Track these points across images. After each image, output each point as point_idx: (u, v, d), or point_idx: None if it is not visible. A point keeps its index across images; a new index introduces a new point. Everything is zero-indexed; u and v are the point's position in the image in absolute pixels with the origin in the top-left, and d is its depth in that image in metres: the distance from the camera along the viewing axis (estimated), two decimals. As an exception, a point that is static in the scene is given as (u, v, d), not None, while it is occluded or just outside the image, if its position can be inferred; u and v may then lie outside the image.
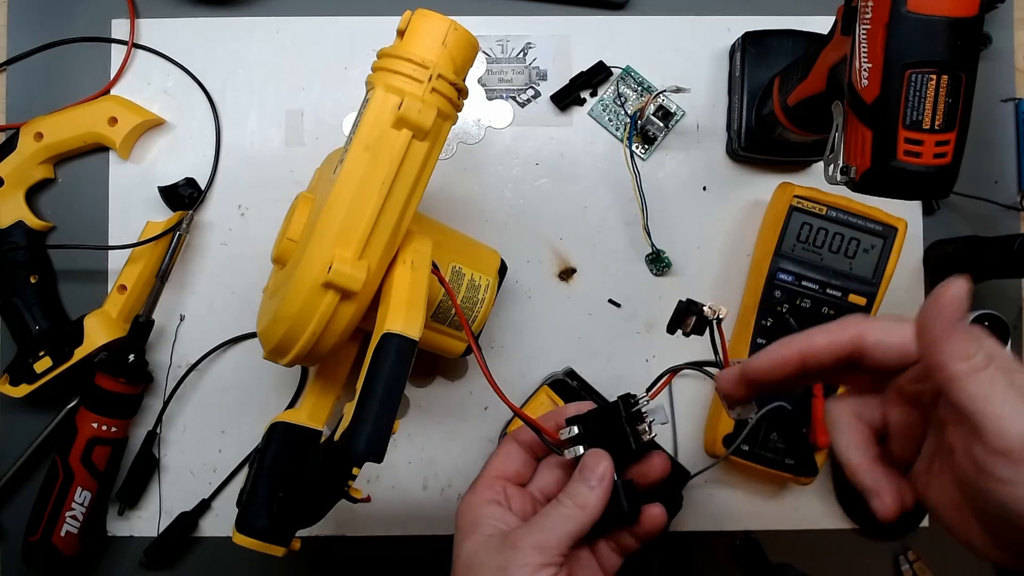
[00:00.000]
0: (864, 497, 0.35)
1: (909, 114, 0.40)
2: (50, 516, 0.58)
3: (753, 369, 0.37)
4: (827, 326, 0.35)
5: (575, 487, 0.40)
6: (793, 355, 0.35)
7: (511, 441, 0.45)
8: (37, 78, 0.64)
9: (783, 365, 0.36)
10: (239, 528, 0.47)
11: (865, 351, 0.35)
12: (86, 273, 0.63)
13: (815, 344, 0.35)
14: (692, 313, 0.42)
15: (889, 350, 0.34)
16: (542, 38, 0.65)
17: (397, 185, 0.42)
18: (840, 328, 0.35)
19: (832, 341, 0.35)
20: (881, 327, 0.34)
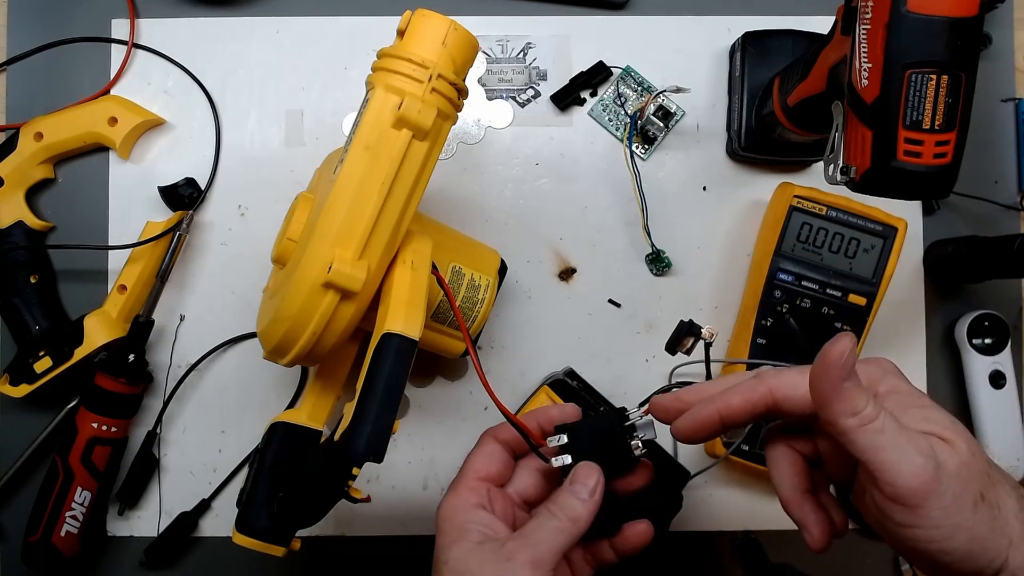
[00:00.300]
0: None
1: (909, 114, 0.40)
2: (50, 516, 0.58)
3: (677, 430, 0.39)
4: (741, 385, 0.37)
5: (566, 499, 0.39)
6: (712, 416, 0.37)
7: (491, 440, 0.44)
8: (37, 78, 0.64)
9: (705, 426, 0.38)
10: (239, 528, 0.47)
11: (778, 405, 0.37)
12: (86, 273, 0.63)
13: (731, 405, 0.37)
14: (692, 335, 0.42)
15: (798, 403, 0.36)
16: (542, 38, 0.65)
17: (397, 185, 0.42)
18: (752, 387, 0.37)
19: (746, 400, 0.37)
20: (789, 382, 0.37)
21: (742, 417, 0.37)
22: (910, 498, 0.31)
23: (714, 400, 0.37)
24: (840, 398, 0.32)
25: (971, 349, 0.63)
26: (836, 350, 0.32)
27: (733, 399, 0.37)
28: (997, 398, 0.63)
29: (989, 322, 0.63)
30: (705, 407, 0.37)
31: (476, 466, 0.43)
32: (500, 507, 0.42)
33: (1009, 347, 0.63)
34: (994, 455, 0.62)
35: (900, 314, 0.65)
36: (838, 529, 0.38)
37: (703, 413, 0.37)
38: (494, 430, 0.45)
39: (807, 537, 0.37)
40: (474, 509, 0.41)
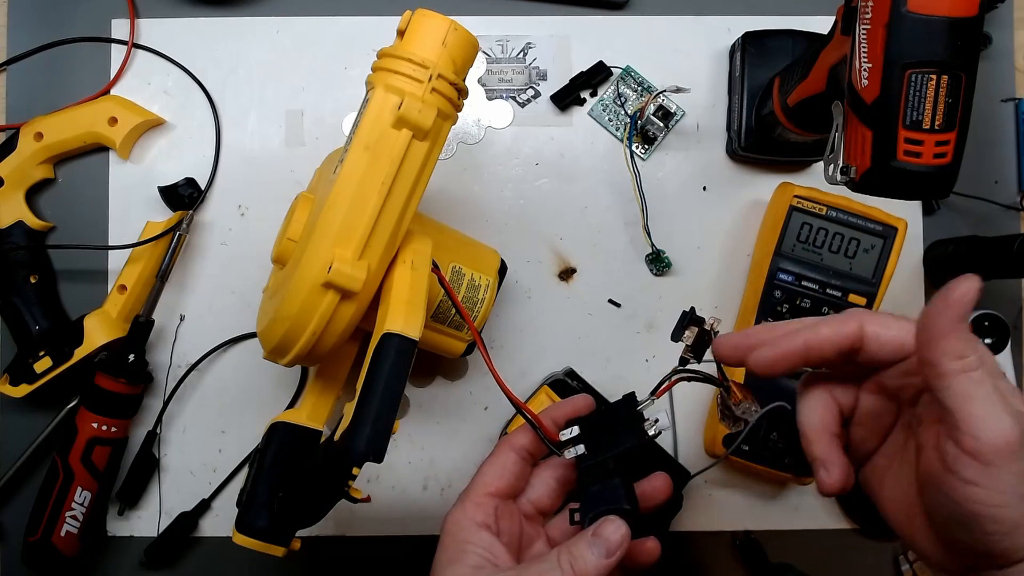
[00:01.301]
0: (811, 467, 0.36)
1: (909, 114, 0.40)
2: (50, 516, 0.58)
3: (757, 360, 0.37)
4: (830, 319, 0.36)
5: (582, 552, 0.37)
6: (798, 348, 0.36)
7: (507, 449, 0.43)
8: (37, 78, 0.64)
9: (788, 356, 0.36)
10: (239, 528, 0.47)
11: (863, 344, 0.35)
12: (86, 273, 0.63)
13: (820, 337, 0.35)
14: (695, 324, 0.42)
15: (885, 344, 0.35)
16: (542, 38, 0.65)
17: (397, 185, 0.42)
18: (843, 321, 0.35)
19: (836, 333, 0.35)
20: (881, 321, 0.35)
21: (827, 353, 0.35)
22: (988, 454, 0.30)
23: (800, 331, 0.36)
24: (952, 338, 0.31)
25: (971, 349, 0.63)
26: (962, 289, 0.31)
27: (823, 330, 0.35)
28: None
29: (989, 322, 0.63)
30: (790, 338, 0.35)
31: (487, 479, 0.42)
32: (507, 527, 0.41)
33: (1009, 347, 0.63)
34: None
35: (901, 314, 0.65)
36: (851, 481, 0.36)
37: (788, 344, 0.36)
38: (511, 438, 0.44)
39: (822, 475, 0.36)
40: (477, 529, 0.40)
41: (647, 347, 0.64)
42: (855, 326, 0.35)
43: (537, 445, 0.43)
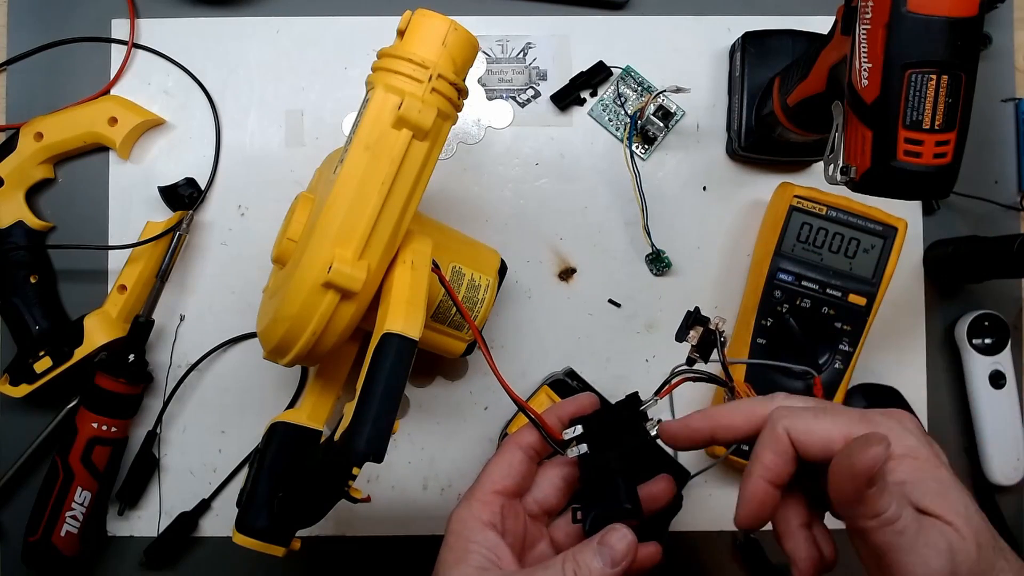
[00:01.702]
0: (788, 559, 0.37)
1: (909, 114, 0.40)
2: (50, 516, 0.58)
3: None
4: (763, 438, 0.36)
5: (587, 559, 0.37)
6: (766, 488, 0.36)
7: (513, 448, 0.43)
8: (37, 78, 0.64)
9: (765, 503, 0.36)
10: (239, 528, 0.47)
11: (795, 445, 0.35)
12: (86, 273, 0.63)
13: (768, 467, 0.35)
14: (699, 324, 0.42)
15: (809, 447, 0.35)
16: (542, 38, 0.65)
17: (397, 185, 0.42)
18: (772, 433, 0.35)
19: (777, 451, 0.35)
20: (799, 420, 0.35)
21: (787, 470, 0.35)
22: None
23: (753, 474, 0.36)
24: (863, 503, 0.31)
25: (971, 349, 0.63)
26: (869, 458, 0.30)
27: (767, 458, 0.35)
28: (997, 398, 0.63)
29: (989, 322, 0.63)
30: (753, 484, 0.36)
31: (494, 477, 0.42)
32: (512, 526, 0.41)
33: (1009, 347, 0.63)
34: (994, 456, 0.63)
35: (900, 314, 0.65)
36: (828, 563, 0.37)
37: (756, 490, 0.36)
38: (517, 436, 0.44)
39: (795, 572, 0.37)
40: (483, 528, 0.40)
41: (647, 347, 0.64)
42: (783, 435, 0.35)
43: (542, 444, 0.43)
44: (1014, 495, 0.64)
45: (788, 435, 0.35)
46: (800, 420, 0.35)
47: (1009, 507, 0.64)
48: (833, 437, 0.34)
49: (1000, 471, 0.63)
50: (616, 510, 0.40)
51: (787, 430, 0.35)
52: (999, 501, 0.63)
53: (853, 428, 0.34)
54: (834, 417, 0.35)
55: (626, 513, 0.40)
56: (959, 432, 0.65)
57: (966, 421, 0.64)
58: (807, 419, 0.35)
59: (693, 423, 0.39)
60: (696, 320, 0.42)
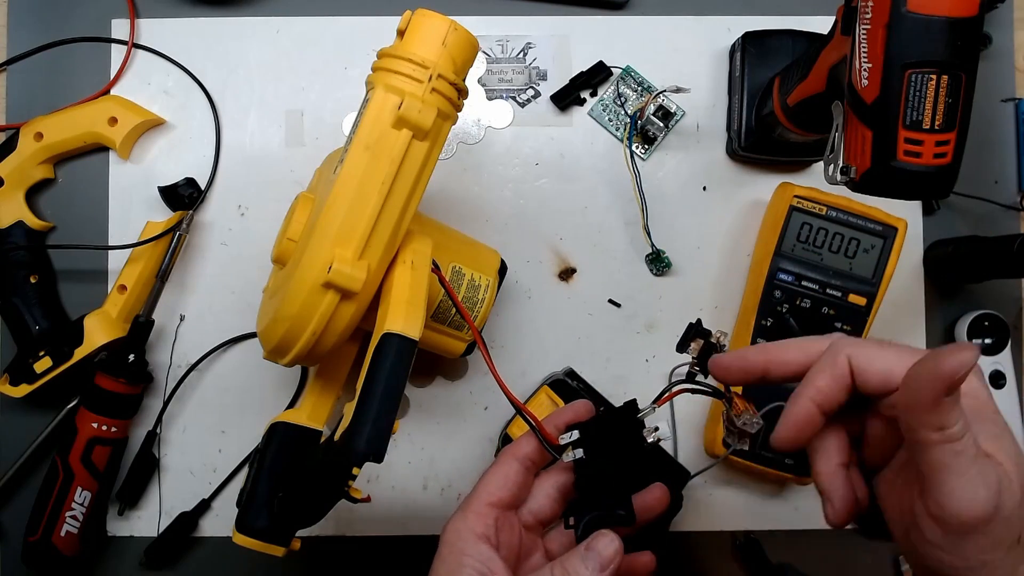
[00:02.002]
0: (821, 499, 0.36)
1: (909, 114, 0.40)
2: (50, 516, 0.58)
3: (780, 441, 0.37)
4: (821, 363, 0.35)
5: (576, 567, 0.37)
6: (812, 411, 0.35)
7: (510, 459, 0.43)
8: (37, 78, 0.64)
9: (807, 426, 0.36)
10: (239, 528, 0.47)
11: (854, 375, 0.35)
12: (86, 273, 0.63)
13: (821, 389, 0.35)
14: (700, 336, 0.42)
15: (870, 378, 0.34)
16: (542, 38, 0.65)
17: (397, 185, 0.42)
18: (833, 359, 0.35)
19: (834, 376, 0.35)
20: (864, 352, 0.35)
21: (837, 397, 0.35)
22: (956, 527, 0.30)
23: (802, 394, 0.35)
24: (935, 410, 0.30)
25: (971, 349, 0.63)
26: (957, 362, 0.29)
27: (821, 381, 0.35)
28: (997, 398, 0.62)
29: (989, 322, 0.63)
30: (800, 405, 0.35)
31: (490, 488, 0.42)
32: (506, 538, 0.41)
33: (1009, 347, 0.63)
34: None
35: (900, 314, 0.65)
36: (862, 507, 0.36)
37: (801, 411, 0.35)
38: (514, 447, 0.44)
39: (829, 509, 0.36)
40: (476, 541, 0.40)
41: (647, 347, 0.64)
42: (844, 361, 0.35)
43: (540, 454, 0.43)
44: (1014, 495, 0.64)
45: (849, 362, 0.34)
46: (863, 349, 0.34)
47: (1009, 507, 0.64)
48: (895, 368, 0.33)
49: (1000, 471, 0.62)
50: (609, 516, 0.40)
51: (849, 357, 0.34)
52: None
53: (915, 360, 0.32)
54: (898, 350, 0.34)
55: (619, 519, 0.40)
56: (959, 432, 0.65)
57: (966, 421, 0.64)
58: (871, 348, 0.34)
59: (748, 356, 0.38)
60: (697, 332, 0.42)
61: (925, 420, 0.30)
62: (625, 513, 0.40)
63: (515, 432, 0.60)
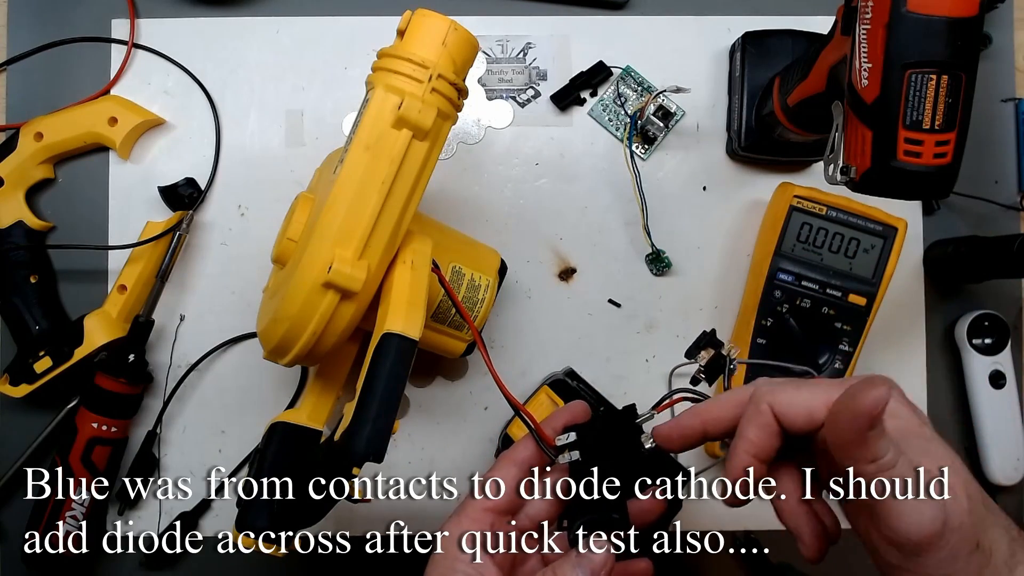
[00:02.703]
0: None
1: (909, 114, 0.40)
2: (50, 516, 0.58)
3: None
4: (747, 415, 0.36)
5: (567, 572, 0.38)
6: (752, 463, 0.36)
7: (508, 464, 0.43)
8: (37, 78, 0.64)
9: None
10: (239, 528, 0.47)
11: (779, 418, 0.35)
12: (86, 273, 0.63)
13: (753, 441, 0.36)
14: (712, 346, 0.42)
15: (793, 420, 0.35)
16: (542, 38, 0.65)
17: (397, 185, 0.42)
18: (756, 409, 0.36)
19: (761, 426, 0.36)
20: (782, 396, 0.35)
21: (771, 444, 0.36)
22: (911, 548, 0.31)
23: (738, 450, 0.36)
24: (863, 446, 0.31)
25: (971, 349, 0.63)
26: (871, 399, 0.30)
27: (751, 433, 0.36)
28: (997, 398, 0.63)
29: (989, 322, 0.63)
30: (738, 460, 0.36)
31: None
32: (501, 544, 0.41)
33: (1009, 347, 0.63)
34: (994, 456, 0.63)
35: (900, 314, 0.65)
36: (832, 536, 0.37)
37: (741, 465, 0.36)
38: (511, 452, 0.44)
39: (802, 547, 0.37)
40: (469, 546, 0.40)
41: (647, 347, 0.64)
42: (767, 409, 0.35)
43: (537, 458, 0.43)
44: (1014, 495, 0.64)
45: (771, 409, 0.35)
46: (781, 393, 0.35)
47: (1009, 507, 0.64)
48: (816, 405, 0.34)
49: (1000, 471, 0.63)
50: (603, 520, 0.40)
51: (770, 404, 0.35)
52: (999, 501, 0.63)
53: (834, 394, 0.34)
54: (814, 387, 0.35)
55: (614, 523, 0.40)
56: (959, 432, 0.65)
57: (966, 421, 0.64)
58: (788, 391, 0.35)
59: (683, 422, 0.39)
60: (710, 342, 0.42)
61: (856, 455, 0.31)
62: (619, 516, 0.40)
63: (515, 432, 0.60)
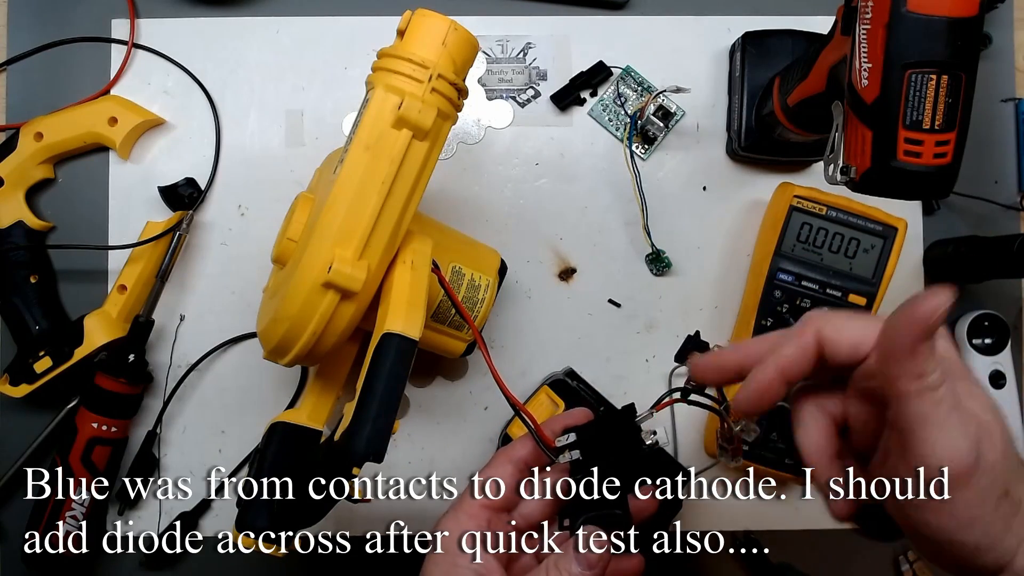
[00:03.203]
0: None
1: (909, 114, 0.40)
2: (50, 516, 0.58)
3: (738, 404, 0.37)
4: (790, 334, 0.35)
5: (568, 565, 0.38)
6: (774, 378, 0.35)
7: (504, 461, 0.43)
8: (37, 78, 0.64)
9: (769, 391, 0.36)
10: (239, 528, 0.47)
11: (823, 348, 0.34)
12: (86, 273, 0.63)
13: (788, 359, 0.35)
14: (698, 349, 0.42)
15: (840, 350, 0.34)
16: (542, 38, 0.65)
17: (397, 185, 0.42)
18: (801, 333, 0.35)
19: (799, 348, 0.35)
20: (836, 324, 0.34)
21: (801, 367, 0.34)
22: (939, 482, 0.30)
23: (768, 362, 0.35)
24: (913, 357, 0.30)
25: (971, 349, 0.63)
26: (930, 305, 0.29)
27: (787, 351, 0.34)
28: (997, 398, 0.62)
29: (989, 322, 0.63)
30: (763, 371, 0.35)
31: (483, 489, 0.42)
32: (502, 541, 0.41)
33: (1009, 347, 0.63)
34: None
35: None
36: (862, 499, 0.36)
37: (763, 377, 0.35)
38: (508, 450, 0.44)
39: (830, 506, 0.36)
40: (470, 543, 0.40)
41: (647, 347, 0.64)
42: (812, 333, 0.34)
43: (534, 457, 0.43)
44: (1014, 495, 0.64)
45: (817, 334, 0.34)
46: (834, 319, 0.34)
47: (1009, 507, 0.64)
48: (864, 336, 0.33)
49: (1000, 471, 0.62)
50: (605, 517, 0.40)
51: (818, 329, 0.34)
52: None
53: None
54: (866, 319, 0.34)
55: (615, 520, 0.40)
56: (959, 432, 0.65)
57: (966, 421, 0.64)
58: (840, 318, 0.34)
59: (723, 354, 0.38)
60: (695, 345, 0.42)
61: (904, 368, 0.30)
62: (621, 513, 0.40)
63: (515, 432, 0.60)
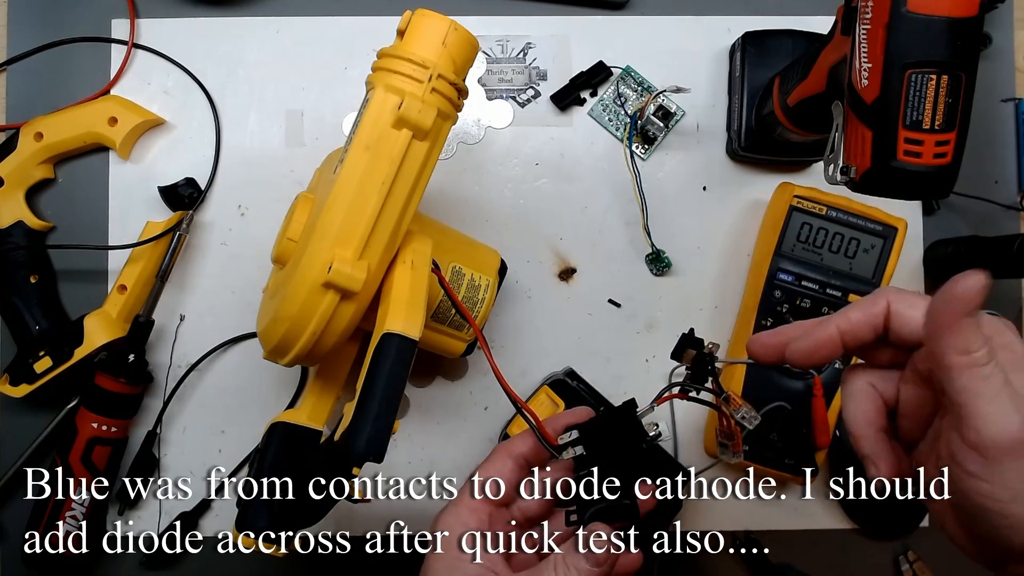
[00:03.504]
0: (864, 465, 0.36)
1: (909, 114, 0.40)
2: (50, 516, 0.58)
3: (793, 353, 0.37)
4: (860, 302, 0.36)
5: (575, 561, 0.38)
6: (832, 335, 0.35)
7: (504, 456, 0.43)
8: (37, 78, 0.64)
9: (824, 344, 0.36)
10: (239, 528, 0.47)
11: (890, 322, 0.35)
12: (86, 273, 0.63)
13: (851, 321, 0.35)
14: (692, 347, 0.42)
15: (908, 323, 0.34)
16: (542, 38, 0.65)
17: (397, 185, 0.42)
18: (872, 301, 0.35)
19: (866, 313, 0.35)
20: (907, 300, 0.35)
21: (862, 333, 0.35)
22: (992, 450, 0.30)
23: (832, 318, 0.35)
24: (956, 332, 0.31)
25: (971, 349, 0.63)
26: (966, 283, 0.30)
27: (853, 314, 0.35)
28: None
29: (989, 322, 0.63)
30: (823, 327, 0.35)
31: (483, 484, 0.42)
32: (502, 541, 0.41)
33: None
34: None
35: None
36: (904, 470, 0.36)
37: (822, 332, 0.35)
38: (508, 445, 0.44)
39: (872, 472, 0.36)
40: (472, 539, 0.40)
41: (647, 347, 0.64)
42: (883, 304, 0.35)
43: (534, 453, 0.43)
44: (1014, 495, 0.64)
45: (888, 307, 0.35)
46: (907, 296, 0.35)
47: (1009, 507, 0.64)
48: None
49: (1000, 471, 0.62)
50: (613, 508, 0.40)
51: (891, 301, 0.35)
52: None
53: None
54: None
55: (623, 510, 0.40)
56: (959, 432, 0.65)
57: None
58: (914, 297, 0.35)
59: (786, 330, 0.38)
60: (690, 343, 0.42)
61: (948, 343, 0.31)
62: (629, 503, 0.40)
63: (515, 432, 0.60)
